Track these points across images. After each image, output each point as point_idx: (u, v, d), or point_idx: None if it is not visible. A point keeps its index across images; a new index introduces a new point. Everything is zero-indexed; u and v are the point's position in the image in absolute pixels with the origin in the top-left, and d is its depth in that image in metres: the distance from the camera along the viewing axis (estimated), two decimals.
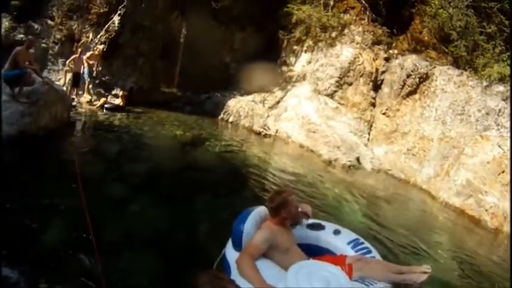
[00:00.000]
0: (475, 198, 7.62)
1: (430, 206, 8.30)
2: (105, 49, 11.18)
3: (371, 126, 11.19)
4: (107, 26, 11.18)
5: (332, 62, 11.97)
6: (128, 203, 5.42)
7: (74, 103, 10.27)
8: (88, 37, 11.47)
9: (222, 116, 12.61)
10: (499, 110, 8.56)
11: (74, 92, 10.80)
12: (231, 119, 12.51)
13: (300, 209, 3.47)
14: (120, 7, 11.16)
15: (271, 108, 12.61)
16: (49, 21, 11.46)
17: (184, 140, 9.69)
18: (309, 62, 13.07)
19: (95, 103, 10.93)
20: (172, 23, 12.58)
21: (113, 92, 11.52)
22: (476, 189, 7.64)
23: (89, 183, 5.05)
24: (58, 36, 11.43)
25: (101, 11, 11.44)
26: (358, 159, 10.18)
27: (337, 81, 11.70)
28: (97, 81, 11.19)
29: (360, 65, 11.46)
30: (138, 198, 5.65)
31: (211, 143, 9.79)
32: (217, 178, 7.30)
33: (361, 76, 11.40)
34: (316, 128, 11.01)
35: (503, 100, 8.74)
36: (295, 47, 13.56)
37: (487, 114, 8.59)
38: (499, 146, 7.74)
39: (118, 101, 11.29)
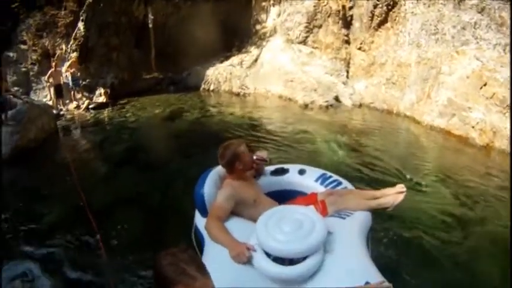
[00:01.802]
0: (459, 117, 7.01)
1: (415, 132, 7.77)
2: (78, 55, 10.91)
3: (348, 63, 10.62)
4: (74, 34, 10.92)
5: (298, 9, 11.30)
6: (112, 176, 6.10)
7: (62, 112, 10.26)
8: (62, 49, 11.26)
9: (203, 86, 12.14)
10: (475, 23, 7.89)
11: (61, 102, 10.63)
12: (211, 88, 12.03)
13: (255, 156, 3.09)
14: (81, 13, 10.86)
15: (249, 67, 12.08)
16: (22, 46, 11.39)
17: (163, 116, 9.66)
18: (278, 15, 12.33)
19: (81, 107, 10.66)
20: (136, 12, 11.92)
21: (97, 92, 11.24)
22: (459, 107, 7.02)
23: (79, 169, 6.02)
24: (34, 57, 11.33)
25: (67, 21, 11.31)
26: (337, 98, 9.73)
27: (306, 27, 11.05)
28: (80, 86, 10.93)
29: (325, 5, 10.70)
30: (120, 171, 6.30)
31: (189, 113, 9.72)
32: (191, 142, 7.59)
33: (329, 16, 10.67)
34: (293, 77, 10.49)
35: (479, 12, 8.05)
36: (263, 4, 12.77)
37: (463, 29, 7.88)
38: (477, 59, 7.08)
39: (101, 99, 11.05)
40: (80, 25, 10.82)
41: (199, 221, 2.79)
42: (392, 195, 2.85)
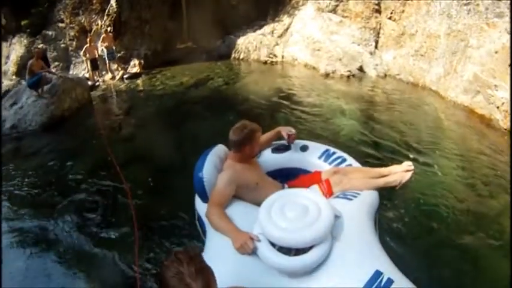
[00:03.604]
0: (484, 95, 6.21)
1: (437, 108, 7.01)
2: (112, 30, 11.10)
3: (378, 33, 9.81)
4: (107, 10, 11.14)
5: None
6: (134, 137, 6.66)
7: (98, 83, 10.66)
8: (97, 25, 11.54)
9: (233, 55, 11.93)
10: None
11: (97, 74, 10.95)
12: (241, 56, 11.80)
13: (287, 132, 2.92)
14: None
15: (280, 37, 11.66)
16: (60, 24, 11.90)
17: (188, 84, 9.71)
18: None
19: (116, 78, 10.93)
20: None
21: (131, 63, 11.52)
22: (485, 84, 6.20)
23: (106, 132, 6.72)
24: (72, 33, 11.81)
25: None
26: (361, 68, 9.13)
27: None
28: (115, 59, 11.19)
29: None
30: (141, 132, 6.80)
31: (213, 81, 9.70)
32: (208, 107, 7.71)
33: None
34: (320, 46, 9.95)
35: None
36: None
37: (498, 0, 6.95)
38: (508, 33, 6.22)
39: (135, 69, 11.34)
40: (112, 1, 11.00)
41: (200, 206, 2.60)
42: (400, 173, 2.62)
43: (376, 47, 9.70)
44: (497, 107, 6.03)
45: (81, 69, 11.40)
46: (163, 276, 1.13)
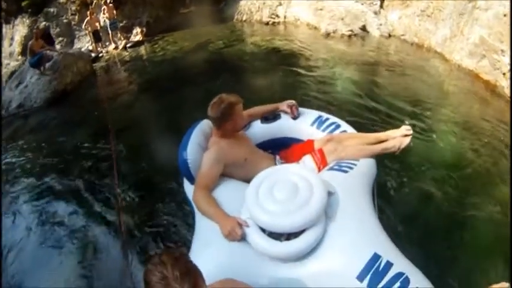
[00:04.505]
0: (490, 59, 5.84)
1: (441, 71, 6.63)
2: (111, 1, 10.81)
3: None
4: None
5: None
6: (134, 102, 6.98)
7: (101, 54, 10.63)
8: None
9: (236, 17, 11.45)
10: None
11: (100, 45, 10.85)
12: (244, 18, 11.32)
13: (286, 105, 2.74)
14: None
15: None
16: (61, 0, 11.69)
17: (188, 49, 9.63)
18: None
19: (119, 47, 10.77)
20: None
21: (134, 32, 11.36)
22: (491, 48, 5.81)
23: (108, 100, 6.86)
24: (73, 8, 11.65)
25: None
26: (364, 28, 8.69)
27: None
28: (118, 28, 11.00)
29: None
30: (140, 98, 7.13)
31: (214, 44, 9.54)
32: (204, 71, 7.73)
33: None
34: (323, 5, 9.47)
35: None
36: None
37: None
38: None
39: (138, 38, 11.18)
40: None
41: (188, 188, 2.38)
42: (398, 138, 2.41)
43: (381, 6, 9.11)
44: (503, 74, 5.69)
45: (85, 42, 11.34)
46: (147, 281, 1.06)
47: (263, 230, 1.83)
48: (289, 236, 1.80)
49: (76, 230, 3.76)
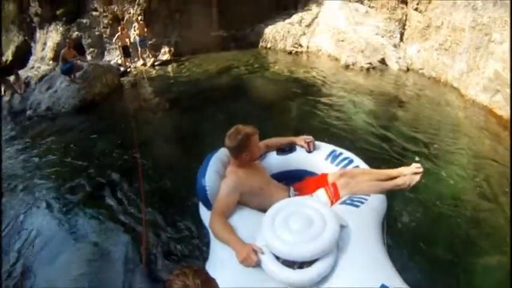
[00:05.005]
0: (503, 94, 5.70)
1: (456, 106, 6.54)
2: (142, 19, 11.29)
3: (404, 25, 9.31)
4: (137, 0, 11.32)
5: None
6: (158, 119, 7.22)
7: (129, 69, 11.02)
8: (130, 13, 11.67)
9: (261, 44, 11.75)
10: None
11: (129, 60, 11.26)
12: (268, 45, 11.59)
13: (305, 141, 2.80)
14: None
15: (308, 26, 11.31)
16: (94, 13, 12.16)
17: (212, 72, 9.79)
18: None
19: (147, 64, 11.16)
20: None
21: (162, 50, 11.71)
22: (505, 82, 5.68)
23: (133, 114, 6.96)
24: (105, 21, 12.00)
25: None
26: (383, 60, 8.69)
27: None
28: (147, 46, 11.41)
29: None
30: (164, 115, 7.43)
31: (237, 70, 9.70)
32: (227, 94, 7.96)
33: None
34: (345, 36, 9.58)
35: None
36: None
37: None
38: None
39: (166, 57, 11.54)
40: None
41: (204, 214, 2.48)
42: (409, 176, 2.46)
43: (401, 39, 9.21)
44: None
45: (114, 56, 11.70)
46: None
47: (277, 258, 1.92)
48: (302, 264, 1.88)
49: (92, 236, 3.81)
